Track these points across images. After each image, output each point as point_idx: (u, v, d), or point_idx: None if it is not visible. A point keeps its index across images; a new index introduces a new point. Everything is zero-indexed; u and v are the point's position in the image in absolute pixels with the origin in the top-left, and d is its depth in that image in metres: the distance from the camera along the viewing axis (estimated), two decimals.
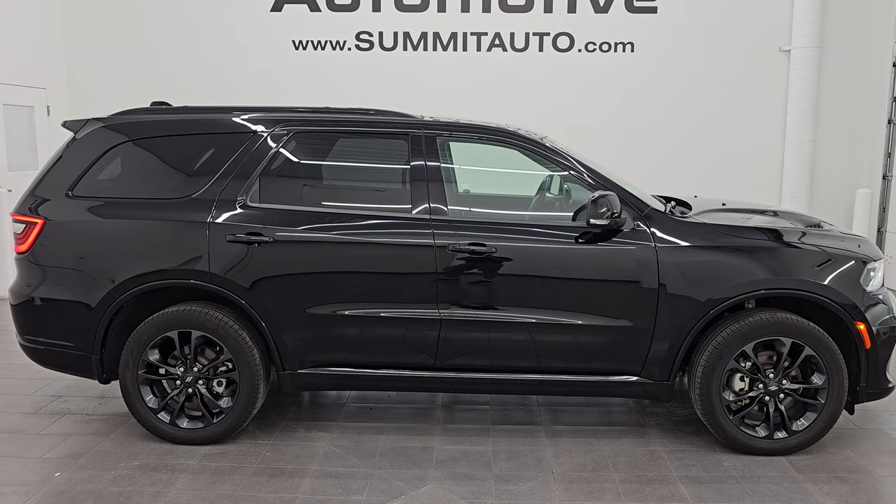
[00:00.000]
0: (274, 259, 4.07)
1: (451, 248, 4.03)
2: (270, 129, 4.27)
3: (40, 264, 4.19)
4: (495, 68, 9.20)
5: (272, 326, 4.11)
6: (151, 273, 4.08)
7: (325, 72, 9.24)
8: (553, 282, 4.08)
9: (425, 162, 4.20)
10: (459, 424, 4.55)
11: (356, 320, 4.10)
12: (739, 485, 3.77)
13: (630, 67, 9.16)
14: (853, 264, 4.06)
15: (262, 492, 3.66)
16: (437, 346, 4.12)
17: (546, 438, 4.35)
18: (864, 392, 4.08)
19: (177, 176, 4.27)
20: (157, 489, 3.68)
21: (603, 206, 3.90)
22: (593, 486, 3.75)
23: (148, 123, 4.35)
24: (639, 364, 4.11)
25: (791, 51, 8.89)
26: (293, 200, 4.24)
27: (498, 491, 3.69)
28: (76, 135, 4.34)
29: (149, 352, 4.11)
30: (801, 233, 4.23)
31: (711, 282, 3.98)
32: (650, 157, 9.09)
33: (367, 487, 3.72)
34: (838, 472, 3.91)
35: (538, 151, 4.28)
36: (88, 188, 4.21)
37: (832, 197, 9.23)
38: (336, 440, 4.29)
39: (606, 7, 9.08)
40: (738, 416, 4.07)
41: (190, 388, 4.13)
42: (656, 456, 4.12)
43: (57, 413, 4.70)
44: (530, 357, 4.14)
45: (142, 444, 4.20)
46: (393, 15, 9.19)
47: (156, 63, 9.33)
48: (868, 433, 4.44)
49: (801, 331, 3.96)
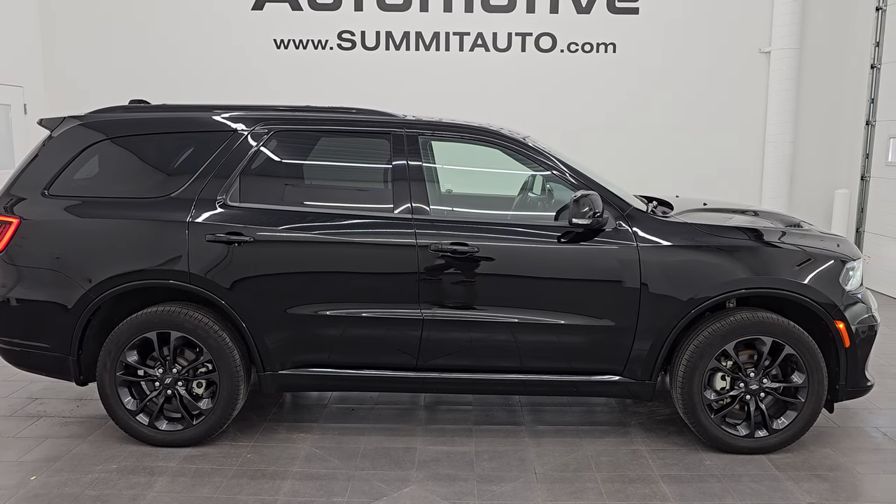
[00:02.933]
0: (254, 259, 4.03)
1: (434, 248, 4.01)
2: (251, 127, 4.22)
3: (16, 264, 4.12)
4: (478, 68, 9.19)
5: (253, 327, 4.07)
6: (130, 273, 4.02)
7: (307, 71, 9.19)
8: (535, 281, 4.07)
9: (407, 161, 4.18)
10: (442, 425, 4.53)
11: (338, 321, 4.07)
12: (721, 483, 3.78)
13: (612, 68, 9.20)
14: (832, 264, 4.10)
15: (243, 494, 3.62)
16: (420, 347, 4.10)
17: (529, 438, 4.34)
18: (843, 390, 4.11)
19: (155, 175, 4.22)
20: (136, 492, 3.63)
21: (585, 206, 3.90)
22: (576, 486, 3.74)
23: (126, 122, 4.29)
24: (621, 364, 4.11)
25: (771, 52, 8.97)
26: (274, 200, 4.20)
27: (480, 491, 3.68)
28: (52, 133, 4.27)
29: (127, 353, 4.05)
30: (782, 232, 4.25)
31: (693, 281, 4.00)
32: (632, 157, 9.13)
33: (349, 489, 3.69)
34: (818, 470, 3.94)
35: (520, 151, 4.27)
36: (65, 187, 4.14)
37: (812, 197, 9.34)
38: (317, 441, 4.26)
39: (588, 7, 9.11)
40: (719, 414, 4.09)
41: (169, 389, 4.08)
42: (638, 455, 4.12)
43: (33, 416, 4.63)
44: (513, 357, 4.13)
45: (120, 446, 4.14)
46: (375, 14, 9.17)
47: (134, 61, 9.23)
48: (847, 431, 4.48)
49: (781, 330, 3.99)
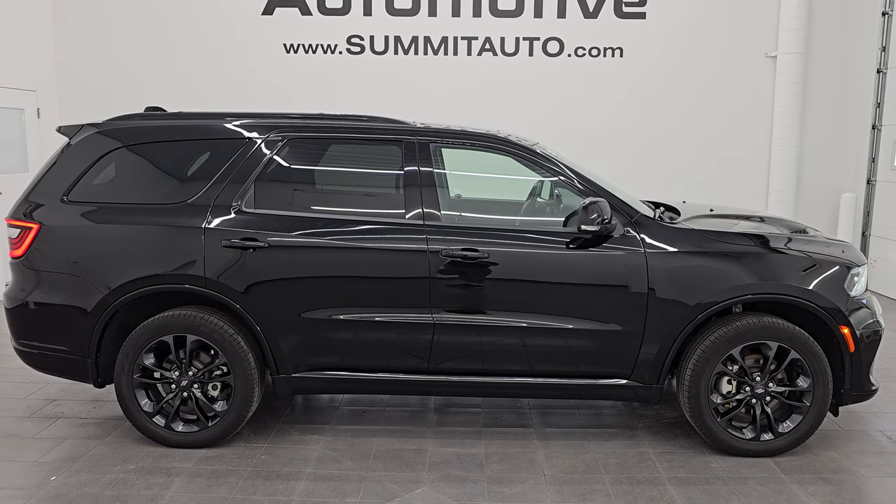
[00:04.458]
0: (269, 264, 4.10)
1: (444, 254, 4.07)
2: (265, 135, 4.30)
3: (35, 269, 4.20)
4: (486, 72, 9.25)
5: (267, 330, 4.14)
6: (147, 277, 4.10)
7: (317, 75, 9.26)
8: (544, 286, 4.13)
9: (419, 168, 4.25)
10: (452, 427, 4.60)
11: (350, 324, 4.14)
12: (727, 486, 3.84)
13: (619, 73, 9.24)
14: (837, 269, 4.15)
15: (258, 494, 3.70)
16: (430, 350, 4.17)
17: (537, 441, 4.41)
18: (848, 394, 4.17)
19: (172, 181, 4.29)
20: (154, 492, 3.71)
21: (593, 213, 3.96)
22: (584, 488, 3.81)
23: (143, 129, 4.37)
24: (628, 367, 4.17)
25: (777, 57, 9.01)
26: (288, 206, 4.27)
27: (490, 493, 3.75)
28: (71, 140, 4.35)
29: (144, 356, 4.13)
30: (787, 238, 4.30)
31: (699, 286, 4.05)
32: (639, 162, 9.18)
33: (362, 490, 3.76)
34: (823, 473, 4.00)
35: (530, 158, 4.33)
36: (84, 193, 4.23)
37: (818, 200, 9.37)
38: (330, 443, 4.34)
39: (595, 12, 9.15)
40: (725, 418, 4.14)
41: (185, 391, 4.16)
42: (646, 458, 4.19)
43: (51, 417, 4.71)
44: (522, 361, 4.19)
45: (137, 447, 4.22)
46: (384, 19, 9.22)
47: (146, 65, 9.32)
48: (852, 435, 4.53)
49: (786, 335, 4.04)
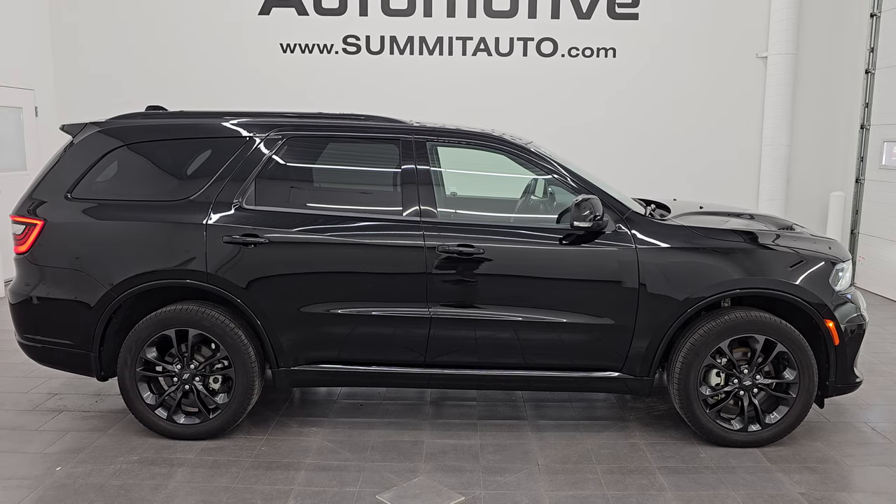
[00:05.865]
0: (269, 259, 4.19)
1: (441, 250, 4.16)
2: (265, 133, 4.38)
3: (39, 264, 4.28)
4: (480, 72, 9.35)
5: (267, 325, 4.23)
6: (150, 273, 4.18)
7: (313, 74, 9.36)
8: (538, 282, 4.23)
9: (415, 166, 4.34)
10: (448, 419, 4.70)
11: (349, 319, 4.23)
12: (715, 474, 3.95)
13: (612, 73, 9.36)
14: (823, 265, 4.26)
15: (259, 484, 3.79)
16: (427, 344, 4.26)
17: (531, 432, 4.51)
18: (833, 387, 4.27)
19: (173, 179, 4.37)
20: (157, 482, 3.80)
21: (586, 210, 4.06)
22: (577, 477, 3.91)
23: (144, 128, 4.46)
24: (620, 361, 4.27)
25: (768, 57, 9.14)
26: (287, 203, 4.36)
27: (486, 482, 3.84)
28: (74, 139, 4.43)
29: (147, 350, 4.21)
30: (775, 235, 4.41)
31: (689, 282, 4.15)
32: (630, 160, 9.29)
33: (361, 479, 3.85)
34: (808, 463, 4.10)
35: (524, 156, 4.43)
36: (87, 190, 4.31)
37: (808, 199, 9.50)
38: (329, 435, 4.43)
39: (589, 13, 9.26)
40: (714, 409, 4.24)
41: (187, 384, 4.25)
42: (637, 448, 4.29)
43: (54, 410, 4.79)
44: (516, 354, 4.29)
45: (140, 439, 4.31)
46: (380, 19, 9.32)
47: (143, 64, 9.39)
48: (837, 426, 4.65)
49: (773, 328, 4.14)
